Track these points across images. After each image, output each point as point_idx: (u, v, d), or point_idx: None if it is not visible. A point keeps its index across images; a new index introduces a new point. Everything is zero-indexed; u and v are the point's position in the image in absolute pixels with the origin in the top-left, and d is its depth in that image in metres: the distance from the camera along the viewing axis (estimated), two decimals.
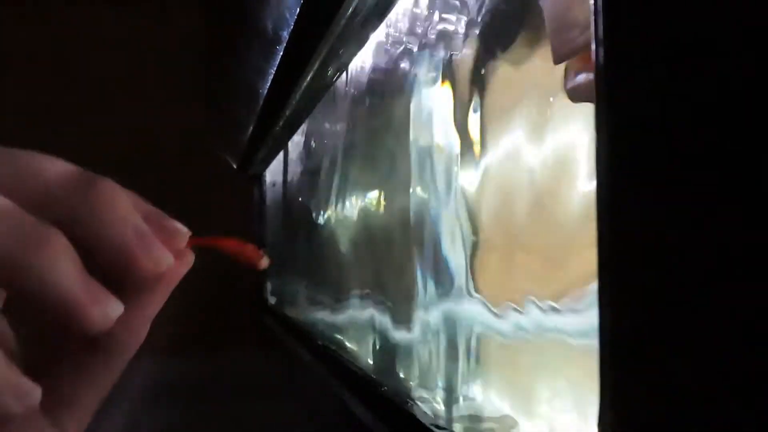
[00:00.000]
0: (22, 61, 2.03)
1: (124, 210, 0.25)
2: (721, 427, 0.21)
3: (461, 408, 0.63)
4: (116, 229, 0.24)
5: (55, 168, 0.24)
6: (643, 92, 0.22)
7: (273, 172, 2.04)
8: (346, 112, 1.11)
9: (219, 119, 1.97)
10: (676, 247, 0.22)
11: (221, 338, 2.02)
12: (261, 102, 1.30)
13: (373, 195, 0.94)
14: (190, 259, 0.27)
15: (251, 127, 1.53)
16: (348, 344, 1.09)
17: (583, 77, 0.34)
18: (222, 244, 0.29)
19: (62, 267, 0.23)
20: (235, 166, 2.07)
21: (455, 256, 0.64)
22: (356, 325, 1.04)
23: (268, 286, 2.16)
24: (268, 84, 1.17)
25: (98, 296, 0.24)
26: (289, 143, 1.71)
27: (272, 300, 2.11)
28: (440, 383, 0.68)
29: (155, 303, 0.26)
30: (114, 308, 0.24)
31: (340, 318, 1.14)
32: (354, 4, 0.80)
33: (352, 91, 1.05)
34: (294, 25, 0.88)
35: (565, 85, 0.36)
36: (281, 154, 1.84)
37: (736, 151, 0.21)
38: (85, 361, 0.26)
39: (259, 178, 2.20)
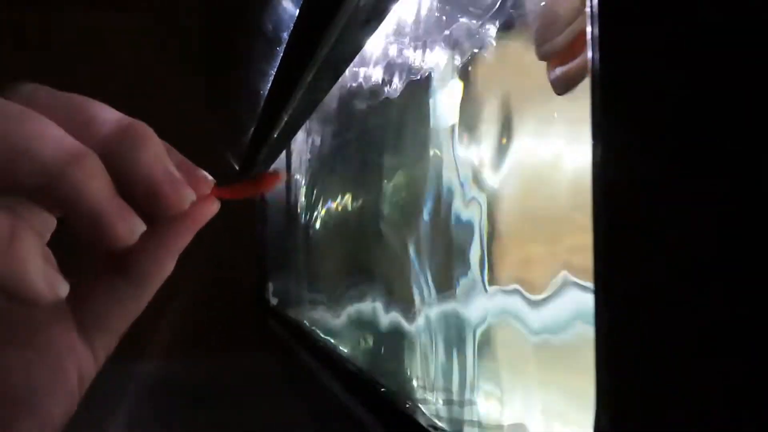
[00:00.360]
0: (22, 62, 2.03)
1: (156, 150, 0.28)
2: (720, 427, 0.21)
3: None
4: (147, 165, 0.27)
5: (100, 108, 0.28)
6: (639, 92, 0.22)
7: None
8: (347, 111, 1.10)
9: (221, 120, 1.97)
10: (674, 247, 0.22)
11: (222, 340, 2.02)
12: (262, 103, 1.30)
13: (378, 195, 0.94)
14: (215, 205, 0.31)
15: (253, 128, 1.54)
16: (355, 344, 1.09)
17: (561, 70, 0.37)
18: (244, 190, 0.32)
19: (95, 181, 0.26)
20: (237, 167, 2.07)
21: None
22: (357, 324, 1.04)
23: (270, 287, 2.16)
24: (269, 85, 1.17)
25: (124, 213, 0.27)
26: (291, 143, 1.71)
27: (274, 301, 2.11)
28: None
29: (180, 238, 0.30)
30: (138, 226, 0.27)
31: (340, 319, 1.14)
32: (354, 5, 0.80)
33: (354, 89, 1.05)
34: (294, 26, 0.88)
35: (548, 77, 0.39)
36: (283, 155, 1.84)
37: (736, 150, 0.21)
38: (117, 286, 0.30)
39: None
